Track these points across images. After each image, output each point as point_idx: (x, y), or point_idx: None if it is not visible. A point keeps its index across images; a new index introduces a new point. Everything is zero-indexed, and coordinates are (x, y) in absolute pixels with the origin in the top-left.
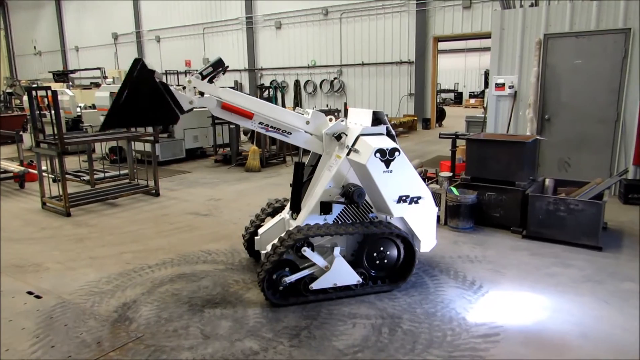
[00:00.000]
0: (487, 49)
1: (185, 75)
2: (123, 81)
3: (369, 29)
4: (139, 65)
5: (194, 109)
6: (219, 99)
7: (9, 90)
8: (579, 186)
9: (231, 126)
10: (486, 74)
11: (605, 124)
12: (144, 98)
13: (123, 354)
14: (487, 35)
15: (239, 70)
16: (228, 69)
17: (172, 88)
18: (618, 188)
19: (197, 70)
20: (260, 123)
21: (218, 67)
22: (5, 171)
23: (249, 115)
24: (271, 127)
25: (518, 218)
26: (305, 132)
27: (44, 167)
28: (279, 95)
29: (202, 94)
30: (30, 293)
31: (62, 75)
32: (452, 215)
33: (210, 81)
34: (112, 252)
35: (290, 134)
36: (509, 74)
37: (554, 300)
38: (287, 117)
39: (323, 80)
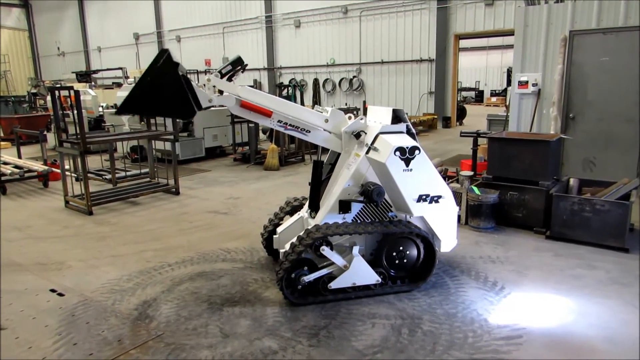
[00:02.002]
0: (510, 46)
1: (205, 74)
2: (146, 69)
3: (388, 26)
4: (164, 55)
5: (213, 108)
6: (238, 97)
7: (33, 90)
8: (605, 186)
9: (250, 125)
10: (509, 72)
11: (633, 123)
12: (165, 88)
13: (143, 352)
14: (510, 33)
15: (258, 69)
16: (248, 67)
17: (193, 84)
18: None
19: (216, 69)
20: (279, 121)
21: (237, 65)
22: (30, 170)
23: (267, 114)
24: (290, 125)
25: (541, 218)
26: (324, 130)
27: (67, 167)
28: (298, 93)
29: (221, 92)
30: (53, 291)
31: (85, 76)
32: (473, 215)
33: (230, 79)
34: (133, 250)
35: (309, 132)
36: (533, 72)
37: (578, 303)
38: (305, 115)
39: (342, 79)
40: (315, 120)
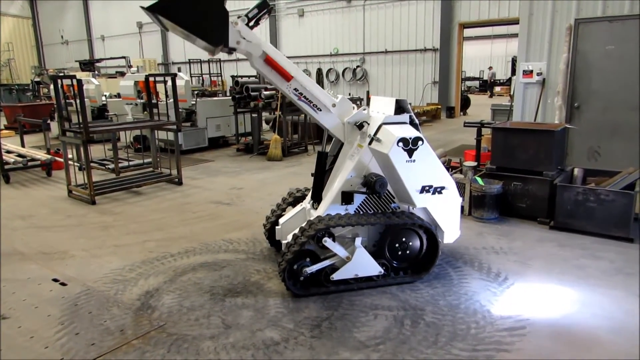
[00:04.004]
0: (515, 35)
1: (207, 63)
2: None
3: (392, 16)
4: None
5: (217, 98)
6: (264, 51)
7: (37, 79)
8: (610, 176)
9: (253, 115)
10: (513, 61)
11: (638, 111)
12: (204, 4)
13: (146, 342)
14: (515, 21)
15: None
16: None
17: (230, 20)
18: None
19: (240, 17)
20: (296, 89)
21: (263, 8)
22: (33, 159)
23: (288, 77)
24: (304, 97)
25: (545, 209)
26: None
27: (70, 156)
28: None
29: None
30: (55, 280)
31: (89, 64)
32: (476, 206)
33: (256, 23)
34: (135, 240)
35: (320, 110)
36: (538, 61)
37: (583, 293)
38: (318, 92)
39: (345, 69)
40: (325, 100)
